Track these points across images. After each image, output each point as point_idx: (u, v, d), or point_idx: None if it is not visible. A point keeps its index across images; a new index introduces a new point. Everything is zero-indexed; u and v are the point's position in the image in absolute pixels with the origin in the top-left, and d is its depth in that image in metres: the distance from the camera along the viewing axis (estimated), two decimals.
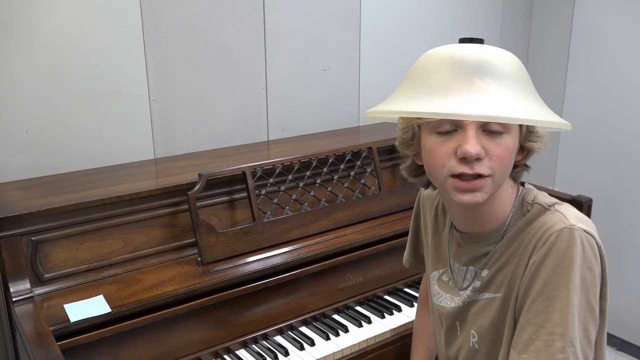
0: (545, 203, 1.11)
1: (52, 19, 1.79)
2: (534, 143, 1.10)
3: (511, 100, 0.96)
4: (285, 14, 2.27)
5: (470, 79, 0.96)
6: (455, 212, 1.19)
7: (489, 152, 1.01)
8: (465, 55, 0.99)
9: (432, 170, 1.07)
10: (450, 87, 0.97)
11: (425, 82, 1.00)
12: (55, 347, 1.25)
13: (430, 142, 1.05)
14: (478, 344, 1.19)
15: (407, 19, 2.64)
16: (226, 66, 2.16)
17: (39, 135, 1.84)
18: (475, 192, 1.03)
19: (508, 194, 1.13)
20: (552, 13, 3.08)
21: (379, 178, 1.94)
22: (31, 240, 1.45)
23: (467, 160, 1.00)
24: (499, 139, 1.02)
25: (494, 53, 1.01)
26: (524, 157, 1.13)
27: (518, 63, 1.03)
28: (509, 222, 1.13)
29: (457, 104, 0.95)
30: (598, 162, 2.97)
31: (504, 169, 1.04)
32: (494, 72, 0.97)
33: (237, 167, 1.69)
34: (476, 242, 1.18)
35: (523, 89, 1.00)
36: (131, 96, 1.98)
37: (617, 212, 2.90)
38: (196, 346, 1.54)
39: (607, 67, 2.86)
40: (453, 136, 1.02)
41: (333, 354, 1.58)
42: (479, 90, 0.96)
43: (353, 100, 2.55)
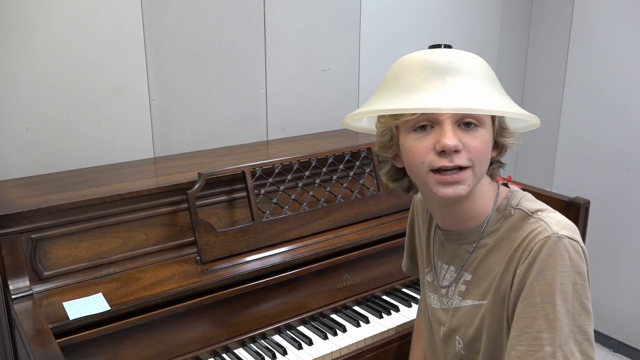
0: (528, 210, 1.12)
1: (53, 18, 1.80)
2: (506, 139, 1.13)
3: (483, 94, 1.01)
4: (285, 14, 2.27)
5: (443, 77, 1.01)
6: (436, 209, 1.21)
7: (466, 145, 1.04)
8: (437, 58, 1.04)
9: (413, 167, 1.09)
10: (425, 86, 1.01)
11: (400, 85, 1.05)
12: (55, 345, 1.25)
13: (409, 140, 1.08)
14: (464, 350, 1.20)
15: (406, 20, 2.65)
16: (226, 66, 2.17)
17: (40, 133, 1.85)
18: (457, 185, 1.05)
19: (486, 191, 1.16)
20: (551, 16, 3.08)
21: (378, 179, 1.94)
22: (31, 238, 1.45)
23: (446, 153, 1.03)
24: (475, 132, 1.05)
25: (463, 55, 1.06)
26: (498, 154, 1.16)
27: (485, 64, 1.09)
28: (489, 221, 1.15)
29: (432, 99, 0.99)
30: (596, 164, 2.98)
31: (482, 160, 1.07)
32: (464, 71, 1.02)
33: (237, 167, 1.70)
34: (456, 240, 1.20)
35: (492, 87, 1.05)
36: (131, 95, 1.99)
37: (614, 214, 2.91)
38: (195, 345, 1.55)
39: (606, 69, 2.88)
40: (430, 132, 1.05)
41: (331, 353, 1.59)
42: (452, 87, 1.00)
43: (352, 101, 2.56)
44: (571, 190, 2.48)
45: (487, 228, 1.15)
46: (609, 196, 2.92)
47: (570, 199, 1.84)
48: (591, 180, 3.00)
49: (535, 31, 3.17)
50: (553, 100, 3.10)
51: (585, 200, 1.83)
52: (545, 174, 3.20)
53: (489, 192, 1.16)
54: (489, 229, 1.15)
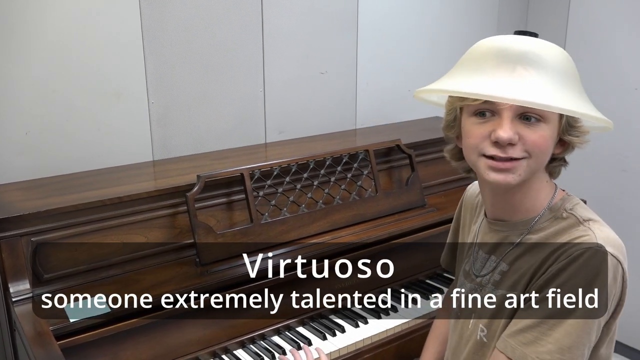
0: (581, 217, 1.10)
1: (51, 21, 1.81)
2: (574, 137, 1.10)
3: (550, 89, 0.99)
4: (283, 17, 2.29)
5: (513, 66, 1.00)
6: (488, 195, 1.19)
7: (523, 138, 1.03)
8: (512, 45, 1.02)
9: (467, 150, 1.10)
10: (493, 72, 1.00)
11: (471, 67, 1.04)
12: (55, 347, 1.26)
13: (468, 124, 1.08)
14: (486, 338, 1.19)
15: (404, 23, 2.66)
16: (225, 69, 2.18)
17: (39, 137, 1.86)
18: (508, 173, 1.04)
19: (543, 187, 1.14)
20: (548, 18, 3.10)
21: (376, 180, 1.95)
22: (31, 241, 1.46)
23: (500, 144, 1.02)
24: (535, 126, 1.03)
25: (541, 45, 1.03)
26: (562, 151, 1.13)
27: (566, 57, 1.06)
28: (539, 218, 1.13)
29: (495, 87, 0.98)
30: (593, 165, 2.99)
31: (539, 154, 1.05)
32: (538, 63, 1.00)
33: (235, 169, 1.71)
34: (502, 231, 1.18)
35: (565, 81, 1.02)
36: (130, 98, 2.00)
37: (611, 215, 2.90)
38: (194, 346, 1.55)
39: (603, 70, 2.89)
40: (489, 120, 1.05)
41: (330, 353, 1.60)
42: (520, 77, 0.99)
43: (350, 104, 2.57)
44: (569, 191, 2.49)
45: (536, 224, 1.13)
46: (605, 197, 2.93)
47: None
48: (588, 181, 3.01)
49: None
50: None
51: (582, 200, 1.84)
52: None
53: (545, 189, 1.14)
54: (537, 225, 1.13)
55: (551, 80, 1.00)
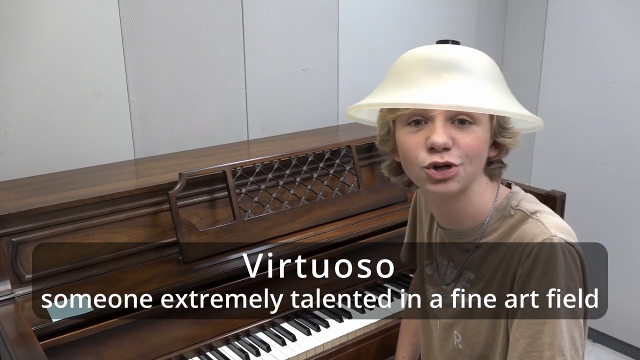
0: (528, 210, 1.12)
1: (31, 21, 1.80)
2: (506, 139, 1.12)
3: (477, 92, 1.01)
4: (264, 14, 2.29)
5: (439, 73, 1.01)
6: (433, 207, 1.21)
7: (457, 142, 1.04)
8: (435, 53, 1.04)
9: (407, 162, 1.10)
10: (419, 81, 1.02)
11: (398, 78, 1.05)
12: (38, 347, 1.25)
13: (403, 134, 1.09)
14: (462, 345, 1.21)
15: (385, 19, 2.67)
16: (205, 67, 2.18)
17: (19, 136, 1.84)
18: (448, 182, 1.05)
19: (485, 190, 1.15)
20: (527, 11, 3.13)
21: (358, 176, 1.96)
22: (12, 241, 1.45)
23: (436, 150, 1.03)
24: (468, 129, 1.05)
25: (464, 52, 1.05)
26: (498, 154, 1.15)
27: (489, 61, 1.07)
28: (488, 222, 1.15)
29: (424, 95, 0.99)
30: (572, 158, 3.03)
31: (473, 157, 1.06)
32: (462, 68, 1.02)
33: (218, 167, 1.71)
34: (456, 239, 1.20)
35: (491, 83, 1.04)
36: (111, 97, 1.99)
37: (590, 207, 2.96)
38: (179, 344, 1.56)
39: (582, 64, 2.92)
40: (423, 128, 1.06)
41: (314, 348, 1.61)
42: (446, 83, 1.00)
43: (332, 100, 2.58)
44: (549, 184, 2.52)
45: (487, 228, 1.15)
46: (585, 189, 2.97)
47: (547, 192, 1.88)
48: (568, 174, 3.05)
49: (511, 28, 3.22)
50: (529, 96, 3.14)
51: (562, 193, 1.87)
52: (524, 168, 3.25)
53: (487, 192, 1.16)
54: (488, 228, 1.15)
55: (477, 83, 1.02)
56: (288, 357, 1.57)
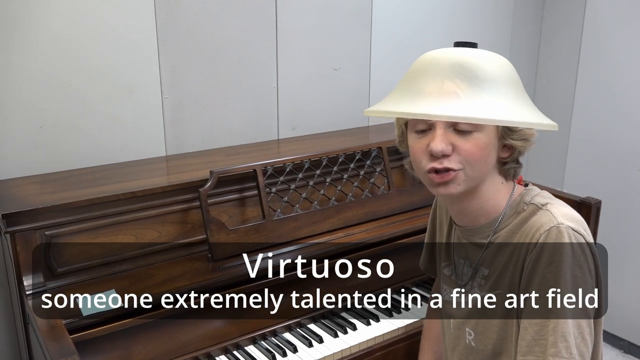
0: (539, 203, 1.14)
1: (66, 16, 1.81)
2: (515, 141, 1.14)
3: (477, 101, 1.03)
4: (297, 13, 2.28)
5: (441, 80, 1.04)
6: (449, 205, 1.26)
7: (458, 148, 1.08)
8: (443, 58, 1.07)
9: (414, 166, 1.17)
10: (424, 88, 1.06)
11: (408, 84, 1.10)
12: (68, 340, 1.27)
13: (411, 139, 1.16)
14: (474, 342, 1.22)
15: (418, 19, 2.64)
16: (238, 65, 2.18)
17: (53, 131, 1.86)
18: (448, 185, 1.10)
19: (498, 190, 1.18)
20: (563, 16, 3.07)
21: (389, 177, 1.95)
22: (45, 235, 1.47)
23: (435, 156, 1.08)
24: (469, 136, 1.08)
25: (473, 56, 1.07)
26: (510, 155, 1.17)
27: (499, 65, 1.08)
28: (502, 219, 1.18)
29: (420, 105, 1.04)
30: (607, 165, 2.97)
31: (474, 163, 1.10)
32: (465, 75, 1.04)
33: (248, 165, 1.70)
34: (471, 236, 1.23)
35: (494, 89, 1.05)
36: (144, 93, 2.00)
37: (625, 214, 2.90)
38: (206, 341, 1.56)
39: (618, 69, 2.86)
40: (427, 134, 1.11)
41: (341, 351, 1.60)
42: (447, 92, 1.04)
43: (363, 100, 2.56)
44: (582, 190, 2.47)
45: (500, 224, 1.18)
46: (620, 196, 2.90)
47: (581, 199, 1.84)
48: (602, 181, 2.98)
49: (547, 30, 3.16)
50: (564, 100, 3.09)
51: (597, 200, 1.83)
52: (557, 174, 3.19)
53: (502, 191, 1.19)
54: (502, 225, 1.18)
55: (480, 91, 1.04)
56: (315, 358, 1.56)
